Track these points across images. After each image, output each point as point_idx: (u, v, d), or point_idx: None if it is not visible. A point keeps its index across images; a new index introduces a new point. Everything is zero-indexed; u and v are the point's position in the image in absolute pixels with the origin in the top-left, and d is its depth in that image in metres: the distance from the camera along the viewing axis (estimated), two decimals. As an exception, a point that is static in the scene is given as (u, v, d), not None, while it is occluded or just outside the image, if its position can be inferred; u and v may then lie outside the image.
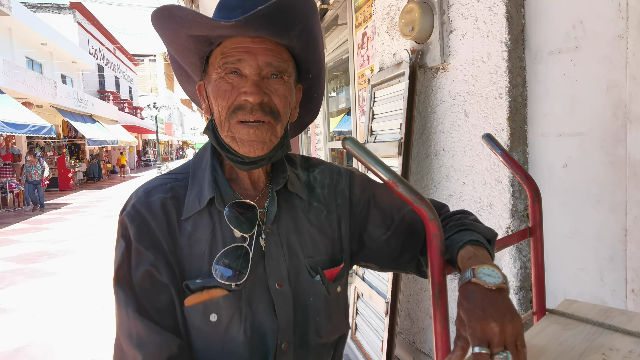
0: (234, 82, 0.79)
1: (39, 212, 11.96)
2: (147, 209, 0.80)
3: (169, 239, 0.80)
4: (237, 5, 0.79)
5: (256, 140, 0.79)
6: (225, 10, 0.80)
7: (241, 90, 0.78)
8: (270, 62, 0.79)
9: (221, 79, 0.80)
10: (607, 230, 1.48)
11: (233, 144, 0.81)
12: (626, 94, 1.40)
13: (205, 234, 0.81)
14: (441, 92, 2.12)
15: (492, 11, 1.73)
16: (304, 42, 0.82)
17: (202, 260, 0.80)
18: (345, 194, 0.96)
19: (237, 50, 0.78)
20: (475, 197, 1.91)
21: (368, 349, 2.67)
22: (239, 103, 0.78)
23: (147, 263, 0.77)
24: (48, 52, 18.73)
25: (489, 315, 0.59)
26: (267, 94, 0.79)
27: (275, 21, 0.74)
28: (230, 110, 0.79)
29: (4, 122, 10.87)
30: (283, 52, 0.82)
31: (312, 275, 0.87)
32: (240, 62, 0.78)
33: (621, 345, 0.78)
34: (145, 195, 0.82)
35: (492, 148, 0.97)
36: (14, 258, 6.94)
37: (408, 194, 0.69)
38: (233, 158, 0.83)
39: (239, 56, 0.78)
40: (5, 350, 3.68)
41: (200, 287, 0.78)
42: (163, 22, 0.79)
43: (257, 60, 0.78)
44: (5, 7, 13.52)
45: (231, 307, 0.78)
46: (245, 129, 0.78)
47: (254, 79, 0.78)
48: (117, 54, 30.83)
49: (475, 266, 0.67)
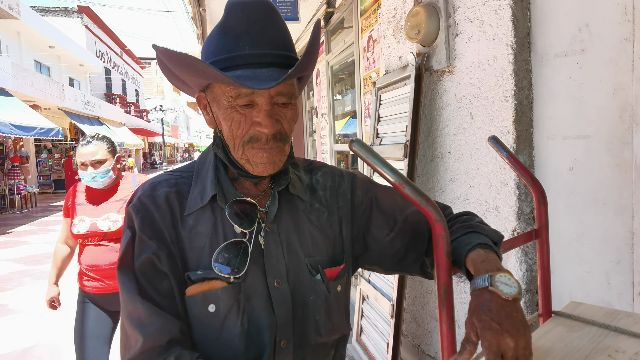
0: (246, 112, 0.80)
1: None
2: (152, 202, 0.83)
3: (171, 230, 0.82)
4: (244, 32, 0.78)
5: (268, 162, 0.82)
6: (231, 36, 0.79)
7: (254, 120, 0.79)
8: (281, 91, 0.80)
9: (232, 108, 0.80)
10: (613, 233, 1.48)
11: (247, 166, 0.84)
12: (632, 96, 1.40)
13: (206, 229, 0.83)
14: (447, 94, 2.12)
15: (498, 14, 1.74)
16: (309, 72, 0.87)
17: (203, 253, 0.82)
18: (347, 196, 0.97)
19: None
20: (481, 200, 1.91)
21: (373, 351, 2.67)
22: (253, 134, 0.80)
23: (149, 251, 0.80)
24: (56, 55, 18.89)
25: (505, 329, 0.62)
26: (279, 121, 0.81)
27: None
28: (245, 140, 0.81)
29: (13, 125, 10.96)
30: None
31: (312, 273, 0.88)
32: (254, 95, 0.79)
33: (627, 347, 0.79)
34: (151, 189, 0.85)
35: (498, 150, 0.98)
36: (22, 259, 6.99)
37: (414, 195, 0.70)
38: (243, 174, 0.86)
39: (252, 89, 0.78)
40: (13, 350, 3.71)
41: (200, 278, 0.80)
42: (180, 68, 0.79)
43: (268, 91, 0.79)
44: (14, 11, 13.66)
45: (229, 299, 0.80)
46: (260, 153, 0.81)
47: (267, 109, 0.79)
48: (124, 57, 31.04)
49: (492, 273, 0.69)
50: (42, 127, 12.70)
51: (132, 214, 0.83)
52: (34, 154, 17.46)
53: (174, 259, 0.81)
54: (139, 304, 0.77)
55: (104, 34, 26.30)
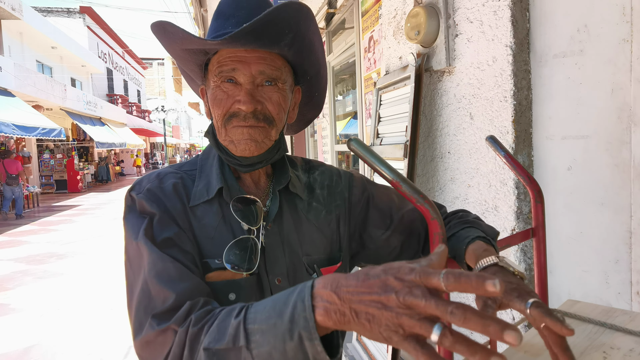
0: (229, 91, 0.82)
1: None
2: (161, 192, 0.83)
3: (183, 217, 0.83)
4: (232, 14, 0.82)
5: (249, 139, 0.82)
6: (221, 18, 0.84)
7: (235, 98, 0.82)
8: (263, 70, 0.82)
9: (217, 87, 0.83)
10: (612, 233, 1.49)
11: (231, 147, 0.85)
12: (631, 97, 1.41)
13: (214, 221, 0.84)
14: (447, 95, 2.13)
15: (497, 15, 1.74)
16: (296, 49, 0.85)
17: (213, 244, 0.83)
18: (345, 195, 0.98)
19: (232, 60, 0.81)
20: (481, 200, 1.92)
21: (373, 350, 2.68)
22: (233, 111, 0.82)
23: (171, 232, 0.78)
24: (58, 55, 18.94)
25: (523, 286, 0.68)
26: (261, 101, 0.82)
27: (263, 34, 0.77)
28: (226, 118, 0.83)
29: (15, 125, 11.00)
30: (277, 59, 0.84)
31: (309, 272, 0.89)
32: (235, 72, 0.81)
33: (622, 344, 0.79)
34: (158, 180, 0.86)
35: (496, 150, 0.99)
36: (24, 259, 7.01)
37: (411, 193, 0.71)
38: (232, 161, 0.87)
39: (233, 65, 0.81)
40: (14, 349, 3.72)
41: (221, 267, 0.80)
42: (159, 35, 0.83)
43: (250, 69, 0.81)
44: (17, 12, 13.71)
45: (250, 289, 0.82)
46: (240, 129, 0.82)
47: (248, 88, 0.81)
48: (125, 58, 31.11)
49: (499, 256, 0.74)
50: (44, 127, 12.73)
51: (144, 202, 0.80)
52: (36, 154, 17.50)
53: (192, 243, 0.81)
54: (170, 263, 0.73)
55: (106, 35, 26.36)
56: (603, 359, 0.75)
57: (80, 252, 7.42)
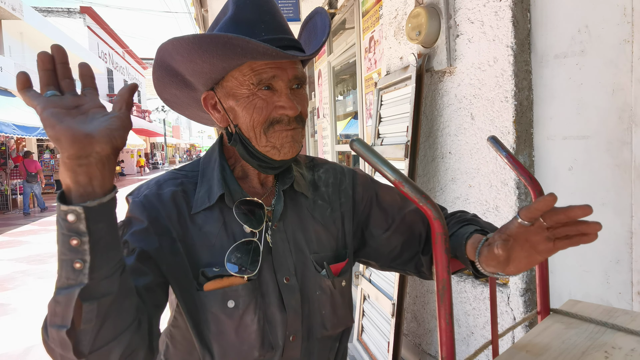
0: (267, 97, 0.82)
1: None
2: (158, 200, 0.84)
3: (179, 227, 0.83)
4: (258, 20, 0.81)
5: (293, 141, 0.84)
6: (244, 25, 0.80)
7: (276, 104, 0.82)
8: (296, 75, 0.84)
9: (254, 95, 0.82)
10: (612, 233, 1.49)
11: (272, 152, 0.85)
12: (632, 97, 1.41)
13: (215, 228, 0.84)
14: (447, 95, 2.13)
15: (499, 16, 1.75)
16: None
17: (214, 251, 0.83)
18: (349, 192, 0.99)
19: (271, 67, 0.81)
20: (482, 200, 1.92)
21: (374, 350, 2.68)
22: (276, 117, 0.83)
23: (152, 246, 0.78)
24: (58, 55, 18.92)
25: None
26: (298, 105, 0.84)
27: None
28: (267, 124, 0.83)
29: (15, 125, 10.99)
30: (299, 62, 0.87)
31: (318, 269, 0.90)
32: (274, 79, 0.82)
33: (623, 344, 0.80)
34: (157, 187, 0.86)
35: (497, 150, 0.99)
36: (24, 259, 7.01)
37: (413, 193, 0.71)
38: (265, 165, 0.87)
39: (272, 73, 0.81)
40: (15, 349, 3.73)
41: (218, 275, 0.81)
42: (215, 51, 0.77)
43: (287, 75, 0.82)
44: (17, 12, 13.71)
45: (248, 296, 0.82)
46: (284, 133, 0.83)
47: (287, 92, 0.83)
48: (126, 58, 31.12)
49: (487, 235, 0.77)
50: (45, 127, 12.72)
51: (138, 210, 0.82)
52: (37, 154, 17.50)
53: (179, 254, 0.82)
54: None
55: (106, 35, 26.36)
56: (605, 358, 0.75)
57: (80, 252, 7.42)
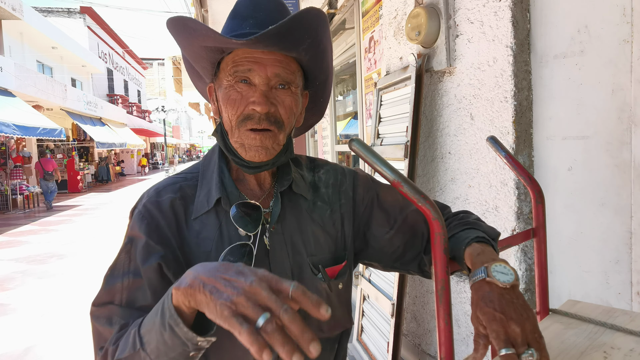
0: (244, 92, 0.82)
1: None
2: (157, 208, 0.84)
3: (177, 236, 0.83)
4: (249, 15, 0.82)
5: (260, 146, 0.83)
6: (238, 19, 0.83)
7: (250, 99, 0.81)
8: (278, 73, 0.82)
9: (231, 87, 0.83)
10: (612, 233, 1.49)
11: (241, 150, 0.85)
12: (631, 97, 1.41)
13: (212, 233, 0.84)
14: (447, 95, 2.13)
15: (498, 16, 1.75)
16: (312, 54, 0.85)
17: (209, 258, 0.83)
18: (349, 193, 0.99)
19: (248, 60, 0.81)
20: (481, 200, 1.92)
21: (374, 350, 2.68)
22: (248, 112, 0.82)
23: (157, 256, 0.80)
24: (58, 55, 18.94)
25: (509, 317, 0.63)
26: (274, 104, 0.82)
27: (285, 38, 0.77)
28: (240, 119, 0.82)
29: (15, 125, 10.99)
30: (291, 62, 0.84)
31: (314, 272, 0.89)
32: (250, 72, 0.81)
33: (622, 344, 0.80)
34: (156, 194, 0.86)
35: (496, 150, 0.99)
36: (24, 259, 7.01)
37: (412, 193, 0.71)
38: (239, 162, 0.87)
39: (249, 66, 0.81)
40: (15, 349, 3.72)
41: None
42: (178, 30, 0.82)
43: (266, 71, 0.81)
44: (17, 12, 13.71)
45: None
46: (253, 135, 0.82)
47: (263, 89, 0.81)
48: (126, 58, 31.11)
49: (487, 264, 0.70)
50: (45, 127, 12.73)
51: (137, 220, 0.83)
52: (37, 154, 17.50)
53: (180, 263, 0.82)
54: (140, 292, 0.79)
55: (106, 35, 26.35)
56: (604, 358, 0.75)
57: (80, 252, 7.42)
